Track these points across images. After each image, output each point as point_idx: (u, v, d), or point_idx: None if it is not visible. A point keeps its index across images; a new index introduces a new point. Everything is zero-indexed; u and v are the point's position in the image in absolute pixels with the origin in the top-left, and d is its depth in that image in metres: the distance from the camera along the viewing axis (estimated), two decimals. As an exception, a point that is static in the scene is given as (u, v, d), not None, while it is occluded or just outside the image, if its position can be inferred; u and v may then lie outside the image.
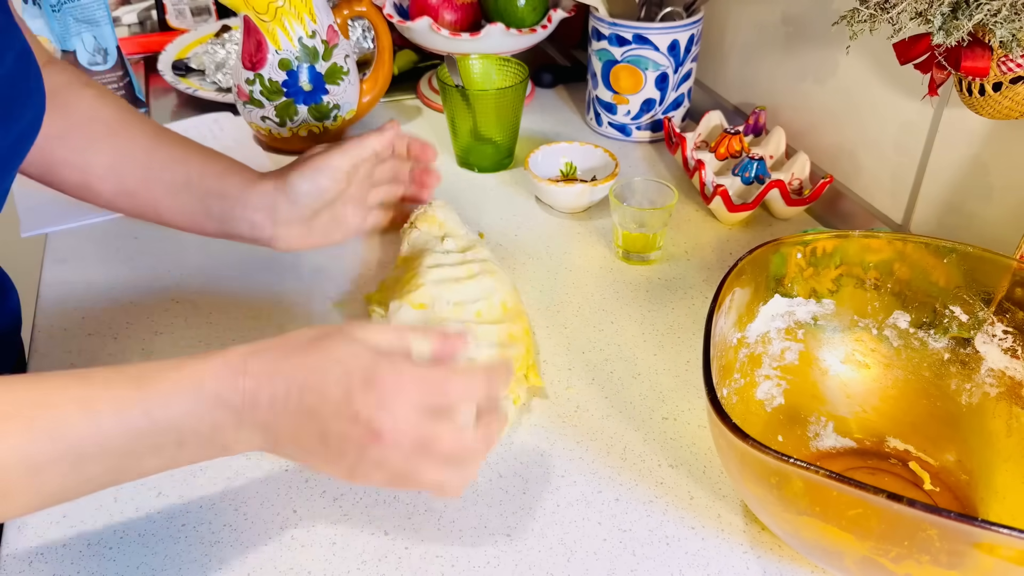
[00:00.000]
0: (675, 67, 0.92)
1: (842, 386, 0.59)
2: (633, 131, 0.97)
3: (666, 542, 0.53)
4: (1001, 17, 0.52)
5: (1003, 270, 0.54)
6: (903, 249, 0.57)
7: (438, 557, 0.52)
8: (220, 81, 1.03)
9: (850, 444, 0.58)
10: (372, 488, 0.56)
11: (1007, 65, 0.55)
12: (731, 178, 0.84)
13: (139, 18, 1.24)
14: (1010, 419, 0.54)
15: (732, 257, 0.78)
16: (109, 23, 0.95)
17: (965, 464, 0.55)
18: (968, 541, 0.39)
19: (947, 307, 0.56)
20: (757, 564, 0.51)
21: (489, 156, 0.91)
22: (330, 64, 0.88)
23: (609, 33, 0.91)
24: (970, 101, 0.59)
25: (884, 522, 0.41)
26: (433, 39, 0.97)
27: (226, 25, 1.15)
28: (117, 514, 0.54)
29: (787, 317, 0.58)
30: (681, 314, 0.71)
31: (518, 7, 0.98)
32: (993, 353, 0.55)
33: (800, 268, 0.57)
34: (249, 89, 0.88)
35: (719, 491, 0.56)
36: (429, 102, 1.06)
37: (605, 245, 0.80)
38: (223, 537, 0.53)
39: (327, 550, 0.52)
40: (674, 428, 0.60)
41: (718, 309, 0.51)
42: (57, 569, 0.51)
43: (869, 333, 0.59)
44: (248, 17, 0.84)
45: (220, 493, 0.55)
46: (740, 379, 0.56)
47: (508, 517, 0.54)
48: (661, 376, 0.65)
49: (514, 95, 0.88)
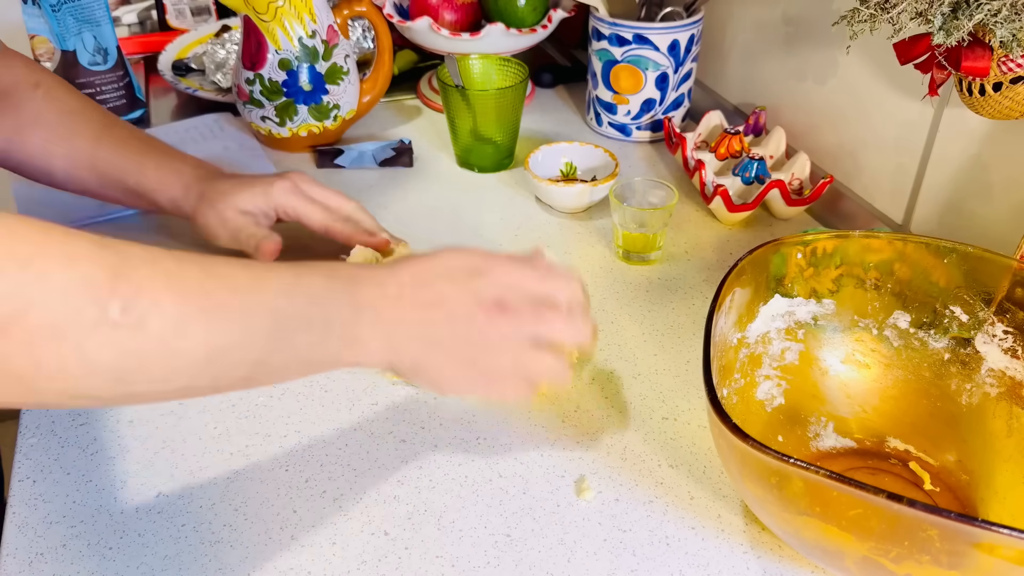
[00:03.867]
0: (675, 67, 0.92)
1: (842, 386, 0.59)
2: (633, 131, 0.97)
3: (666, 542, 0.52)
4: (1001, 17, 0.52)
5: (1003, 270, 0.54)
6: (903, 249, 0.57)
7: (438, 557, 0.51)
8: (220, 81, 1.03)
9: (850, 444, 0.58)
10: (372, 488, 0.56)
11: (1007, 65, 0.55)
12: (731, 178, 0.84)
13: (139, 18, 1.24)
14: (1010, 419, 0.54)
15: (732, 257, 0.78)
16: (109, 23, 0.95)
17: (965, 464, 0.55)
18: (968, 541, 0.39)
19: (947, 307, 0.56)
20: (757, 564, 0.51)
21: (489, 156, 0.91)
22: (330, 64, 0.88)
23: (609, 33, 0.91)
24: (970, 101, 0.59)
25: (884, 522, 0.41)
26: (433, 39, 0.97)
27: (226, 25, 1.15)
28: (117, 514, 0.54)
29: (787, 317, 0.58)
30: (681, 314, 0.71)
31: (518, 7, 0.98)
32: (993, 353, 0.55)
33: (800, 268, 0.57)
34: (249, 89, 0.88)
35: (719, 491, 0.56)
36: (429, 102, 1.06)
37: (605, 245, 0.80)
38: (223, 537, 0.53)
39: (327, 550, 0.52)
40: (674, 428, 0.60)
41: (718, 309, 0.51)
42: (57, 569, 0.51)
43: (869, 333, 0.59)
44: (248, 17, 0.84)
45: (220, 493, 0.55)
46: (740, 379, 0.56)
47: (508, 517, 0.54)
48: (661, 376, 0.65)
49: (514, 95, 0.88)
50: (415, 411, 0.62)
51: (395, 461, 0.58)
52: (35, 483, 0.56)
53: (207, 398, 0.62)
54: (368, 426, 0.60)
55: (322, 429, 0.60)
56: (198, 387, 0.41)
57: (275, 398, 0.63)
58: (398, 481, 0.56)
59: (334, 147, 0.94)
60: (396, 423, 0.61)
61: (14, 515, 0.54)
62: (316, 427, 0.60)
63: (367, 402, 0.62)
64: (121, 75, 0.98)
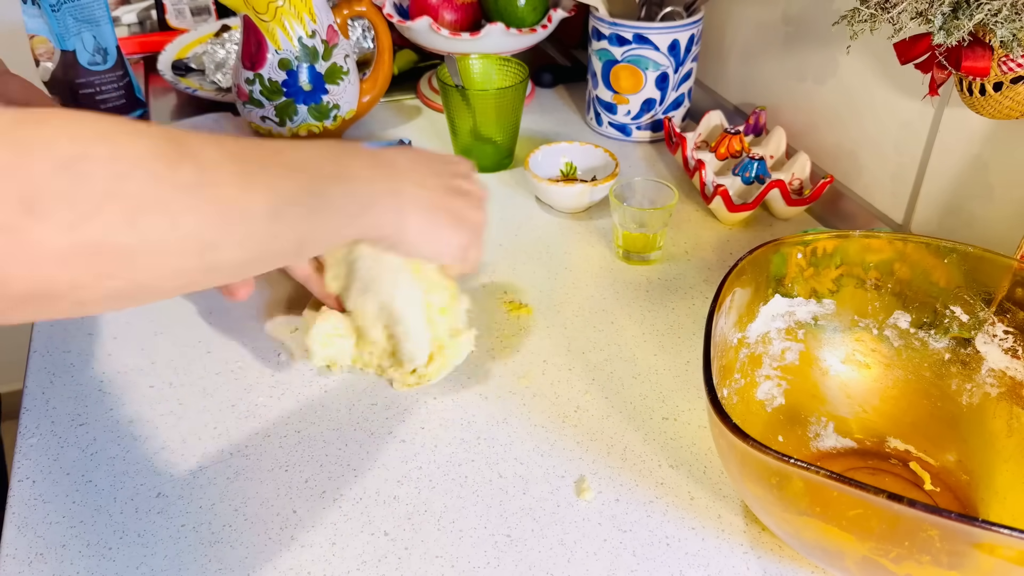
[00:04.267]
0: (675, 67, 0.92)
1: (842, 386, 0.59)
2: (633, 131, 0.97)
3: (666, 542, 0.52)
4: (1002, 17, 0.52)
5: (1004, 270, 0.54)
6: (903, 249, 0.56)
7: (438, 557, 0.51)
8: (220, 81, 1.03)
9: (850, 444, 0.58)
10: (372, 488, 0.56)
11: (1008, 65, 0.55)
12: (731, 178, 0.84)
13: (139, 18, 1.24)
14: (1010, 419, 0.53)
15: (732, 257, 0.78)
16: (109, 23, 0.95)
17: (965, 464, 0.55)
18: (969, 541, 0.39)
19: (948, 307, 0.56)
20: (757, 564, 0.51)
21: (489, 156, 0.91)
22: (330, 64, 0.88)
23: (609, 33, 0.91)
24: (971, 101, 0.59)
25: (885, 522, 0.41)
26: (433, 39, 0.97)
27: (226, 25, 1.15)
28: (117, 514, 0.54)
29: (787, 317, 0.58)
30: (681, 314, 0.71)
31: (518, 7, 0.98)
32: (994, 353, 0.55)
33: (800, 268, 0.57)
34: (249, 89, 0.88)
35: (719, 491, 0.56)
36: (429, 102, 1.06)
37: (605, 245, 0.80)
38: (223, 537, 0.53)
39: (327, 550, 0.52)
40: (674, 428, 0.60)
41: (718, 309, 0.51)
42: (57, 569, 0.51)
43: (870, 333, 0.59)
44: (248, 17, 0.84)
45: (220, 493, 0.55)
46: (740, 379, 0.56)
47: (508, 517, 0.54)
48: (661, 376, 0.65)
49: (514, 95, 0.88)
50: (415, 411, 0.62)
51: (395, 461, 0.58)
52: (35, 483, 0.56)
53: (206, 398, 0.62)
54: (368, 426, 0.60)
55: (322, 429, 0.60)
56: (269, 253, 0.44)
57: (275, 398, 0.63)
58: (398, 481, 0.56)
59: (334, 147, 0.93)
60: (396, 423, 0.61)
61: (14, 515, 0.54)
62: (316, 427, 0.60)
63: (367, 402, 0.62)
64: (121, 75, 0.98)
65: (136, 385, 0.64)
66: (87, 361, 0.66)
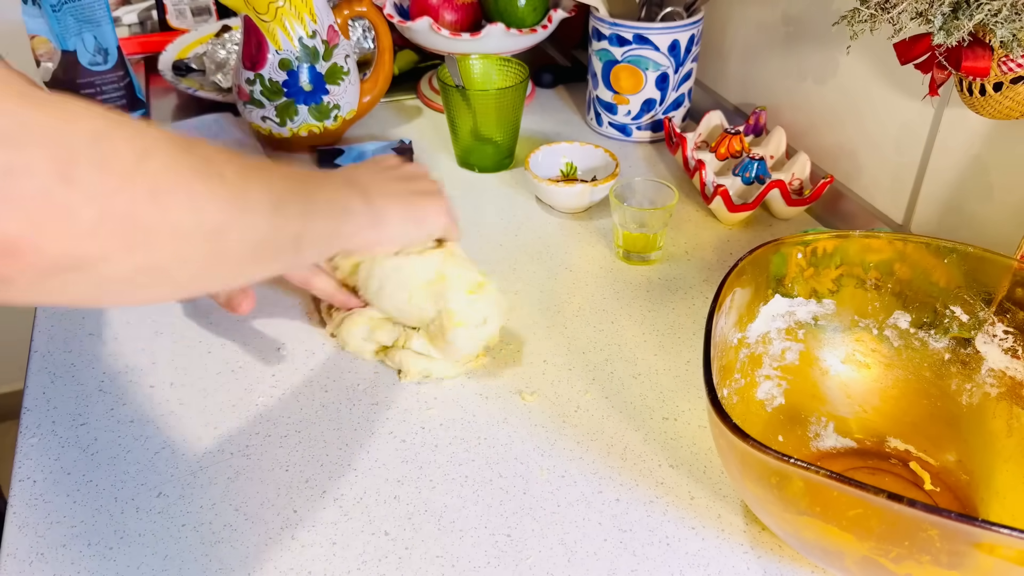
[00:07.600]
0: (675, 67, 0.92)
1: (842, 386, 0.59)
2: (633, 131, 0.97)
3: (666, 542, 0.52)
4: (1002, 17, 0.52)
5: (1003, 270, 0.54)
6: (903, 249, 0.57)
7: (438, 557, 0.51)
8: (220, 81, 1.03)
9: (850, 444, 0.58)
10: (372, 488, 0.56)
11: (1007, 65, 0.55)
12: (731, 178, 0.84)
13: (139, 18, 1.24)
14: (1010, 419, 0.54)
15: (732, 257, 0.78)
16: (109, 23, 0.95)
17: (965, 464, 0.55)
18: (968, 541, 0.39)
19: (948, 307, 0.56)
20: (757, 564, 0.51)
21: (489, 156, 0.91)
22: (330, 64, 0.88)
23: (609, 33, 0.91)
24: (971, 101, 0.59)
25: (884, 522, 0.41)
26: (433, 39, 0.97)
27: (226, 25, 1.15)
28: (117, 514, 0.54)
29: (787, 317, 0.58)
30: (681, 314, 0.71)
31: (518, 7, 0.98)
32: (994, 353, 0.55)
33: (800, 268, 0.57)
34: (249, 89, 0.88)
35: (719, 491, 0.56)
36: (429, 102, 1.06)
37: (605, 245, 0.80)
38: (223, 537, 0.53)
39: (327, 550, 0.52)
40: (674, 428, 0.60)
41: (718, 309, 0.51)
42: (57, 569, 0.51)
43: (870, 333, 0.59)
44: (248, 17, 0.84)
45: (220, 493, 0.55)
46: (740, 379, 0.56)
47: (508, 517, 0.54)
48: (661, 376, 0.65)
49: (514, 95, 0.88)
50: (415, 411, 0.62)
51: (395, 461, 0.58)
52: (35, 483, 0.56)
53: (205, 398, 0.62)
54: (368, 426, 0.60)
55: (322, 429, 0.60)
56: (270, 246, 0.45)
57: (275, 398, 0.63)
58: (398, 481, 0.56)
59: (334, 147, 0.94)
60: (396, 423, 0.61)
61: (14, 515, 0.54)
62: (316, 427, 0.60)
63: (367, 402, 0.62)
64: (121, 75, 0.98)
65: (137, 385, 0.64)
66: (88, 361, 0.66)
